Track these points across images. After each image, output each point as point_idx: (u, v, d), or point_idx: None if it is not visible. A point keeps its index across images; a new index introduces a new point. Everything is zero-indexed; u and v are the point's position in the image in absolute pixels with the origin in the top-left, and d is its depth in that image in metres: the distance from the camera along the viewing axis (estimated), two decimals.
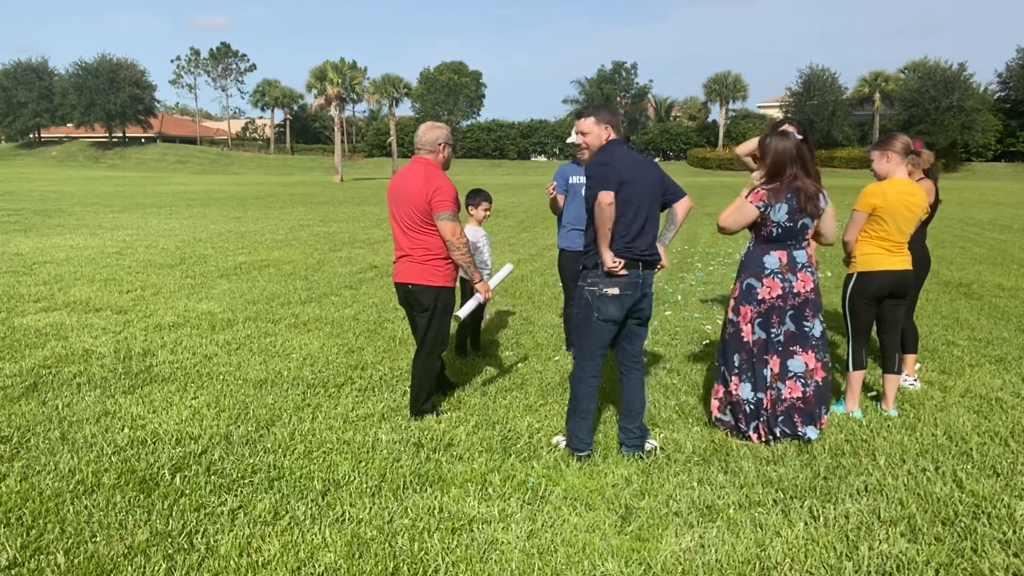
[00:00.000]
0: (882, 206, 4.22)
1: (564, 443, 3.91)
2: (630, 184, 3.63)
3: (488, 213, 5.48)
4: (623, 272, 3.64)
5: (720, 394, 4.14)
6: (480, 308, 4.59)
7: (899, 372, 4.49)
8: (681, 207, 3.88)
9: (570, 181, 5.42)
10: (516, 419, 4.30)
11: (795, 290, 3.92)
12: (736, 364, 4.06)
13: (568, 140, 5.45)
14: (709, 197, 28.38)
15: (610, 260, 3.61)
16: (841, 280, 4.68)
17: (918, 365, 5.48)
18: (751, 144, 4.93)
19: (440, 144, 4.23)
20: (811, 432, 4.01)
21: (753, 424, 4.00)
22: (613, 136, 3.77)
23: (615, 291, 3.65)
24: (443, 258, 4.20)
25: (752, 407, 4.00)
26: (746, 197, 3.93)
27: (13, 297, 7.57)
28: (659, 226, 3.82)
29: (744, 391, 4.02)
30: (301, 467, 3.62)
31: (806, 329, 3.98)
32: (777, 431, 4.03)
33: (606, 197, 3.53)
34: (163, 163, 67.89)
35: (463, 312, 4.41)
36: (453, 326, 4.53)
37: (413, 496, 3.34)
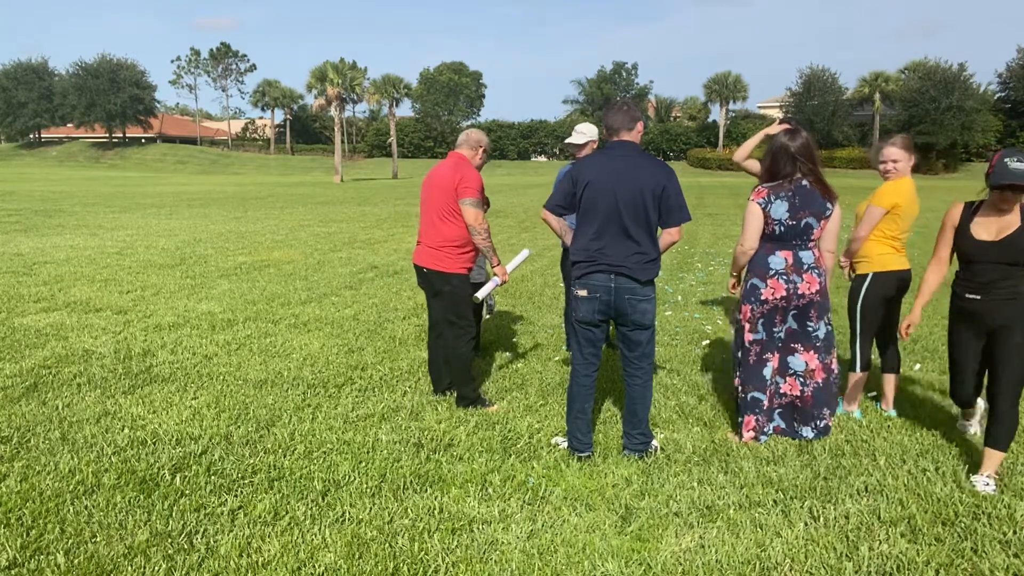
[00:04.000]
0: (903, 205, 4.21)
1: (564, 443, 3.91)
2: (592, 187, 3.60)
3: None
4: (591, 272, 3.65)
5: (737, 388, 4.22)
6: (484, 305, 4.74)
7: (898, 371, 4.49)
8: (664, 237, 3.75)
9: None
10: (516, 419, 4.31)
11: (799, 291, 3.91)
12: (740, 359, 4.09)
13: (567, 140, 5.45)
14: (709, 197, 28.37)
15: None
16: (841, 281, 4.66)
17: (918, 365, 5.48)
18: (746, 148, 4.92)
19: (480, 146, 4.58)
20: (807, 432, 4.03)
21: (748, 418, 4.01)
22: (614, 138, 3.72)
23: (583, 292, 3.67)
24: (455, 246, 4.40)
25: (749, 402, 4.01)
26: (749, 200, 3.93)
27: (13, 297, 7.57)
28: (652, 239, 3.65)
29: (743, 386, 4.06)
30: (301, 467, 3.62)
31: (809, 329, 3.98)
32: (772, 427, 4.05)
33: (543, 213, 3.89)
34: (163, 163, 67.88)
35: (481, 293, 4.59)
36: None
37: (413, 496, 3.34)
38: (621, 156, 3.65)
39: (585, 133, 5.33)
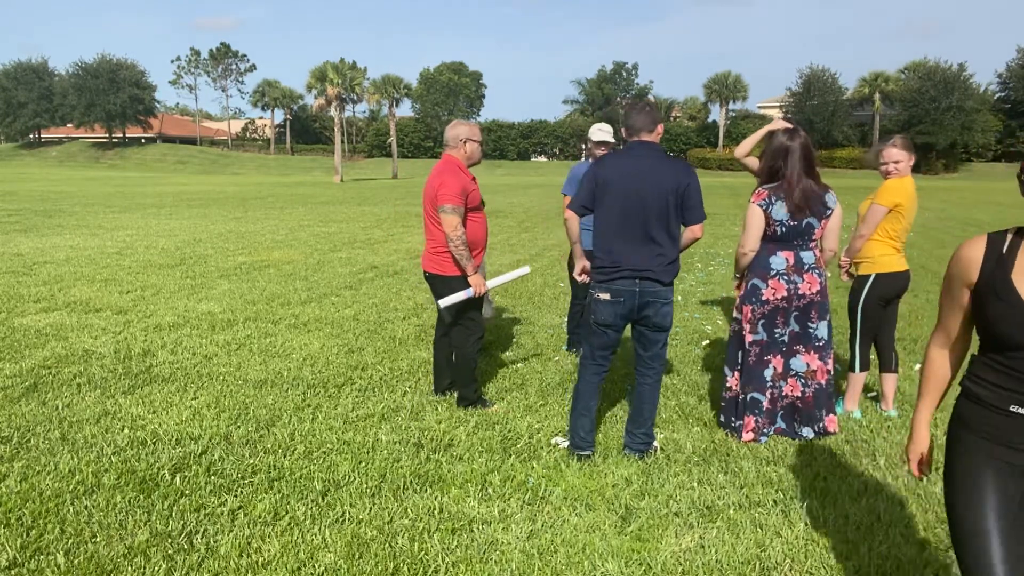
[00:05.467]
0: (904, 204, 4.21)
1: (565, 443, 3.91)
2: (615, 188, 3.57)
3: None
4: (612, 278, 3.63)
5: (733, 394, 4.15)
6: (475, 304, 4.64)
7: (896, 371, 4.50)
8: (686, 235, 3.74)
9: None
10: (516, 419, 4.31)
11: (800, 291, 3.91)
12: (738, 361, 4.08)
13: (597, 139, 5.33)
14: (710, 197, 28.37)
15: (578, 270, 3.94)
16: (839, 280, 4.65)
17: (917, 365, 5.48)
18: (748, 144, 4.92)
19: (461, 140, 4.35)
20: (807, 433, 4.03)
21: (747, 419, 4.00)
22: (634, 139, 3.67)
23: (606, 296, 3.65)
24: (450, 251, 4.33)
25: (748, 402, 4.01)
26: (750, 202, 3.93)
27: (13, 297, 7.57)
28: (673, 240, 3.63)
29: (742, 387, 4.05)
30: (301, 467, 3.62)
31: (810, 330, 3.98)
32: (772, 429, 4.05)
33: (567, 213, 3.82)
34: (163, 163, 67.87)
35: (443, 302, 4.34)
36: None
37: (413, 496, 3.34)
38: (643, 157, 3.62)
39: (610, 132, 5.32)
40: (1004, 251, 1.80)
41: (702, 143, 69.39)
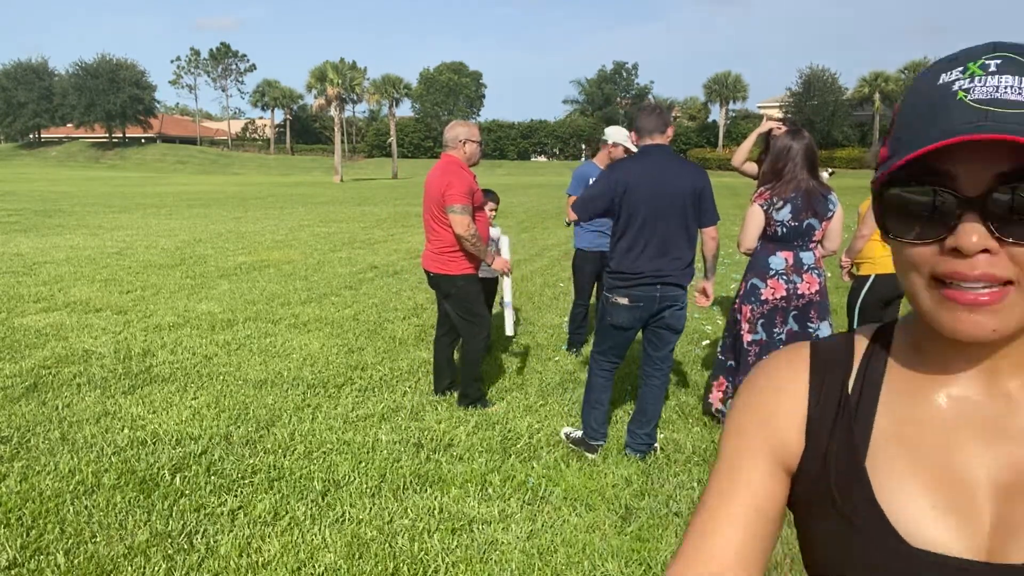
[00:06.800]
0: None
1: (576, 433, 3.92)
2: (631, 193, 3.52)
3: (494, 213, 5.49)
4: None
5: (724, 387, 4.16)
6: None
7: None
8: (706, 242, 3.73)
9: (589, 183, 5.45)
10: (516, 419, 4.31)
11: (799, 291, 3.92)
12: (736, 361, 4.09)
13: (627, 146, 5.31)
14: None
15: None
16: (839, 280, 4.65)
17: None
18: (743, 151, 4.91)
19: (460, 141, 4.35)
20: None
21: None
22: (646, 142, 3.65)
23: (624, 301, 3.63)
24: (456, 250, 4.32)
25: None
26: (751, 201, 3.94)
27: (13, 297, 7.57)
28: (690, 243, 3.62)
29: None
30: (301, 467, 3.62)
31: (810, 330, 3.98)
32: None
33: (570, 207, 3.83)
34: (163, 163, 67.86)
35: (509, 331, 4.70)
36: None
37: (413, 496, 3.34)
38: (658, 161, 3.59)
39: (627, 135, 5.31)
40: (850, 390, 0.74)
41: (702, 143, 69.41)
